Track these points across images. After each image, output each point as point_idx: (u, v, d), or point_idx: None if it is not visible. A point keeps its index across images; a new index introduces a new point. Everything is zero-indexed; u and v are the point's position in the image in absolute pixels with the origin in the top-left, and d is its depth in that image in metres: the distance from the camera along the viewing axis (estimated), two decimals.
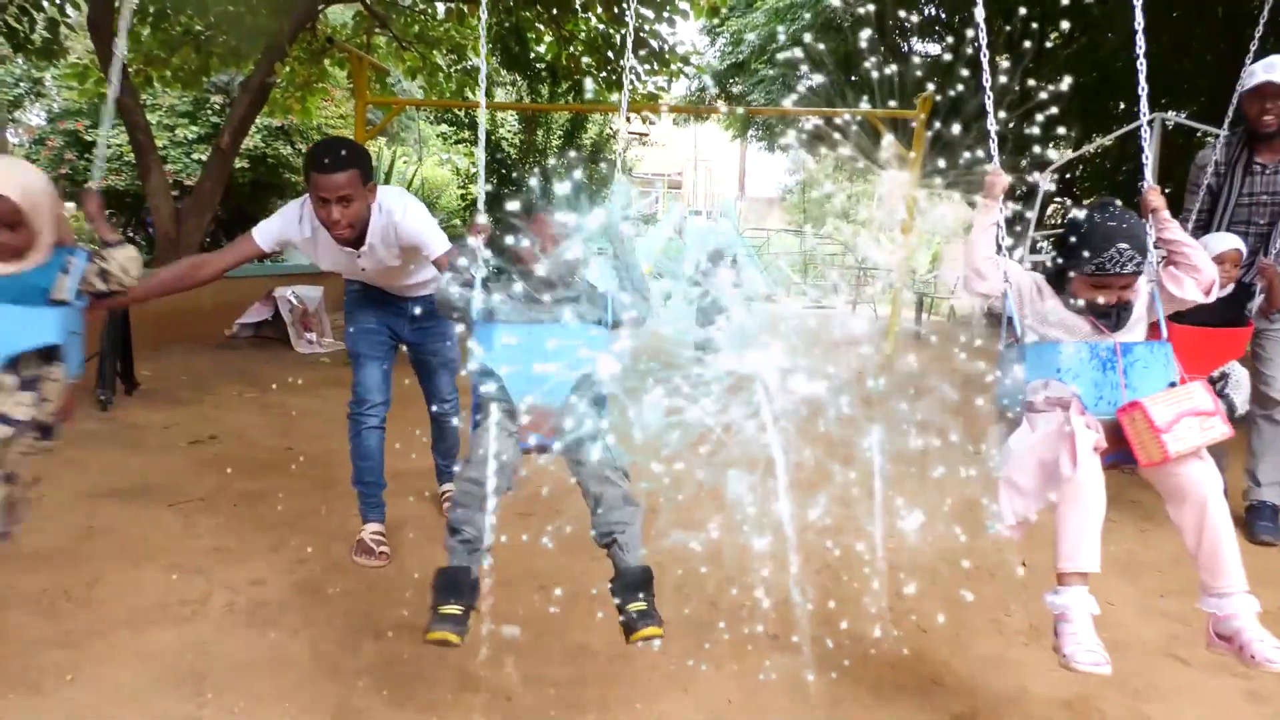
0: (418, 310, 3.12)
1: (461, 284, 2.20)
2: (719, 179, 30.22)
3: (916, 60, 12.46)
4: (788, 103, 12.41)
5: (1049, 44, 11.25)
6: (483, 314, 2.18)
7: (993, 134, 2.19)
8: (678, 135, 25.04)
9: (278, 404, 5.55)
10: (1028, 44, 11.11)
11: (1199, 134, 9.82)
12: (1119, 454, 1.95)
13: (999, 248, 2.15)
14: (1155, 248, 2.13)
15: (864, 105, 9.38)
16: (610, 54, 10.15)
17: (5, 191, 2.00)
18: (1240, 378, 3.46)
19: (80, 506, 3.40)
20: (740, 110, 13.10)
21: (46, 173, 2.32)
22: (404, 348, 3.31)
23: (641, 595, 2.07)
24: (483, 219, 2.25)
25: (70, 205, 15.94)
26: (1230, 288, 3.47)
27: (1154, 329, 2.14)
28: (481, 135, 2.51)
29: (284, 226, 2.86)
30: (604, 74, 10.51)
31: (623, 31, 9.57)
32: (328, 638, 2.51)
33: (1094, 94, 11.36)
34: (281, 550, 3.13)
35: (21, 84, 16.59)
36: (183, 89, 10.26)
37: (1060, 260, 2.10)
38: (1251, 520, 3.65)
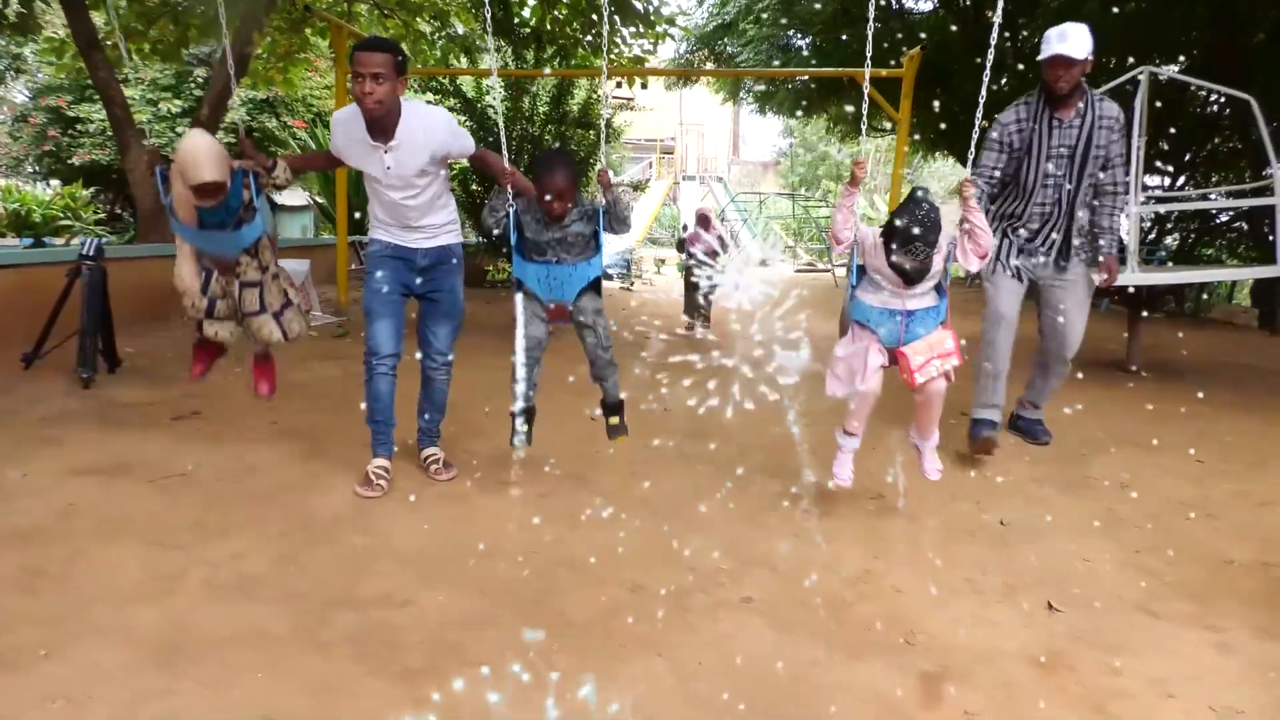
0: (426, 261, 3.50)
1: (499, 216, 3.26)
2: (712, 143, 29.95)
3: (905, 19, 12.28)
4: (774, 63, 12.25)
5: None
6: (516, 233, 3.26)
7: (864, 130, 3.36)
8: (669, 100, 24.79)
9: None
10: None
11: (1192, 88, 9.72)
12: (895, 366, 3.13)
13: (854, 220, 3.11)
14: (960, 224, 3.03)
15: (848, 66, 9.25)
16: (595, 17, 9.99)
17: (216, 177, 3.14)
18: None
19: (60, 485, 3.41)
20: (706, 70, 12.94)
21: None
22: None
23: (617, 413, 3.54)
24: (511, 168, 3.25)
25: (55, 183, 15.72)
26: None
27: (940, 287, 3.12)
28: (499, 102, 2.85)
29: (336, 127, 3.38)
30: (590, 38, 10.37)
31: None
32: (306, 609, 2.52)
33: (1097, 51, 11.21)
34: (263, 524, 3.13)
35: (2, 60, 16.37)
36: (162, 62, 10.12)
37: (891, 227, 2.99)
38: (1023, 427, 4.52)
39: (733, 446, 4.28)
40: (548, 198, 3.16)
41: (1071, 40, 3.64)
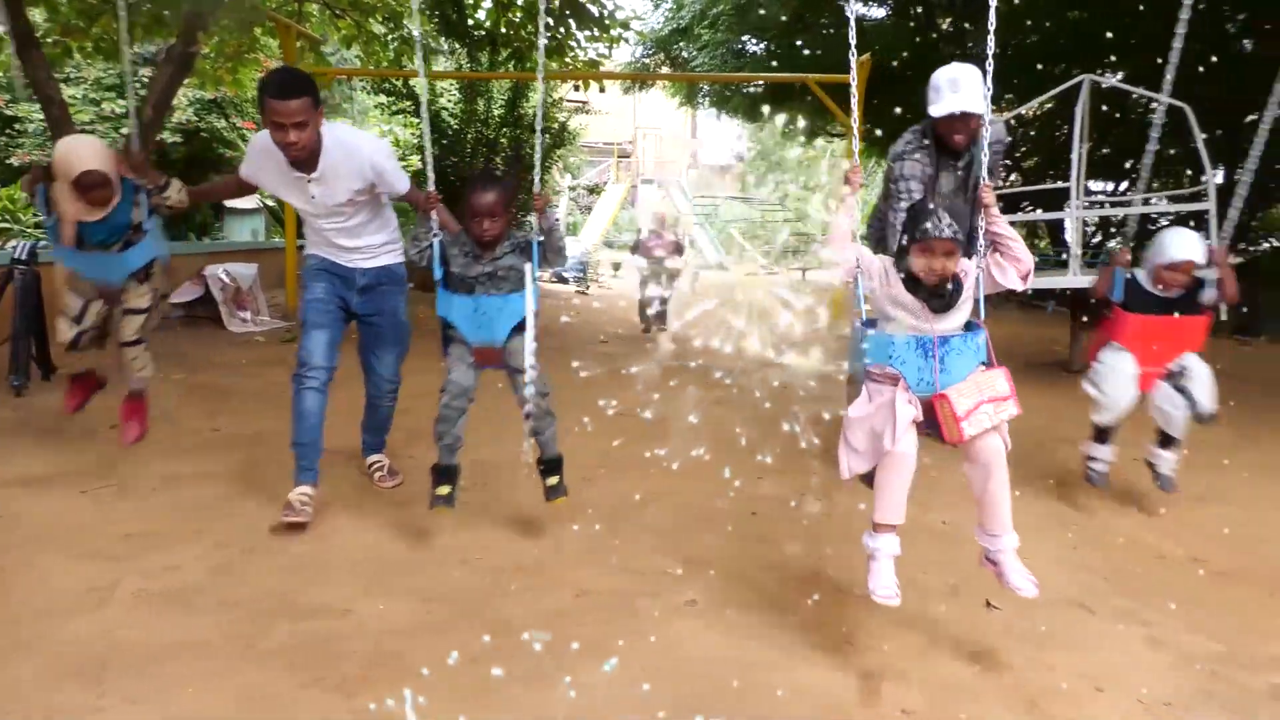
0: (365, 281, 3.32)
1: (423, 247, 2.99)
2: (670, 147, 30.05)
3: (860, 25, 12.44)
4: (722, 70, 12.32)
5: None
6: (441, 268, 2.97)
7: (856, 129, 2.59)
8: (627, 104, 24.81)
9: (207, 385, 5.42)
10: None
11: (1133, 95, 9.98)
12: (932, 427, 2.34)
13: (854, 235, 2.49)
14: (984, 238, 2.51)
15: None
16: (550, 19, 9.97)
17: (97, 165, 3.04)
18: (1198, 371, 3.42)
19: None
20: (660, 74, 12.99)
21: None
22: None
23: (555, 473, 3.11)
24: (432, 189, 2.96)
25: None
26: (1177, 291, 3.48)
27: (977, 307, 2.49)
28: (425, 111, 3.21)
29: (251, 155, 3.18)
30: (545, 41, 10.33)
31: None
32: (242, 620, 2.47)
33: (1031, 56, 11.47)
34: (201, 534, 3.06)
35: None
36: (105, 61, 9.87)
37: (903, 240, 2.43)
38: None
39: (682, 448, 4.28)
40: (474, 217, 2.88)
41: (966, 90, 3.20)
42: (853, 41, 2.61)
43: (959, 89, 3.23)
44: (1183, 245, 3.38)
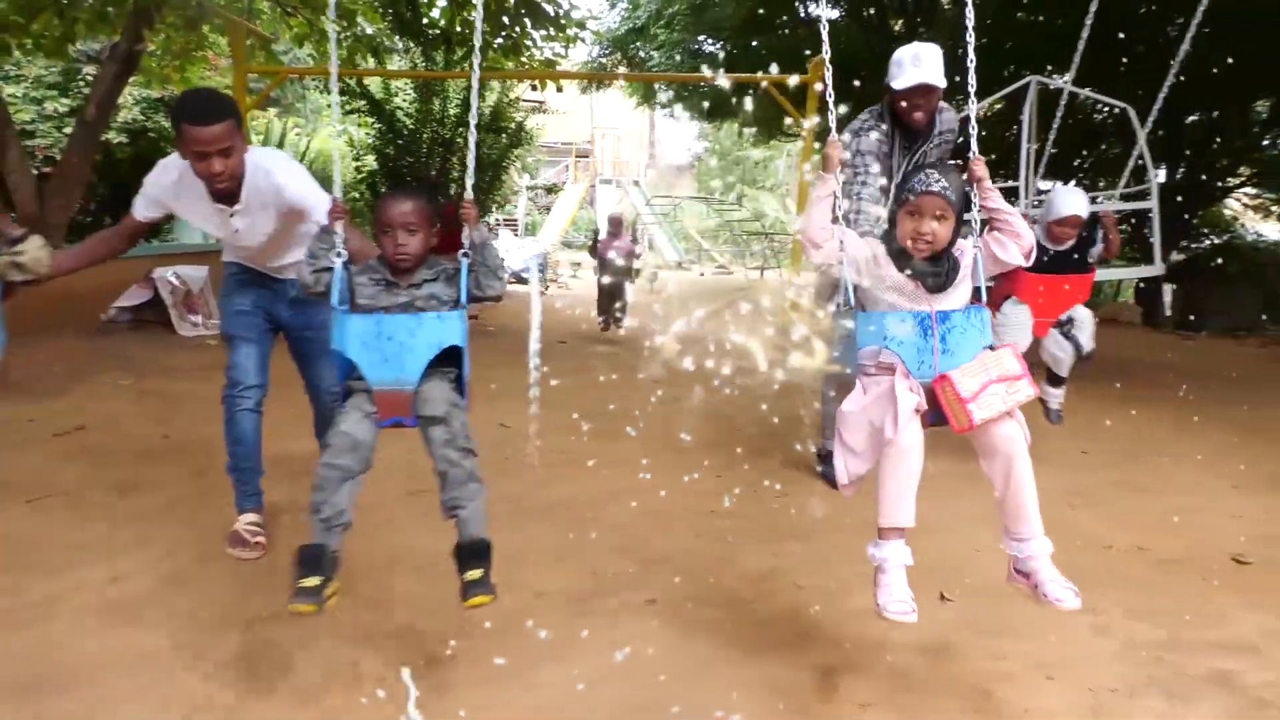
0: (296, 292, 2.97)
1: (320, 269, 2.29)
2: (628, 147, 30.06)
3: (813, 26, 12.57)
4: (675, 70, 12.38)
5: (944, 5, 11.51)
6: (343, 296, 2.28)
7: (832, 109, 2.32)
8: (585, 103, 24.76)
9: (156, 390, 5.31)
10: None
11: (1080, 97, 10.22)
12: (937, 415, 2.09)
13: (835, 217, 2.24)
14: (980, 214, 2.26)
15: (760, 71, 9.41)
16: (506, 19, 9.92)
17: None
18: (1083, 318, 4.06)
19: None
20: (615, 74, 13.01)
21: None
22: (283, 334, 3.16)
23: (478, 564, 2.18)
24: (339, 198, 2.36)
25: None
26: (1069, 242, 4.00)
27: (977, 292, 2.25)
28: (335, 110, 2.65)
29: (156, 192, 2.79)
30: (500, 39, 10.27)
31: None
32: (191, 630, 2.42)
33: (982, 57, 11.67)
34: (149, 544, 3.00)
35: None
36: (47, 58, 9.60)
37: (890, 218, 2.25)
38: None
39: (639, 447, 4.29)
40: (389, 234, 2.26)
41: (927, 64, 3.29)
42: (825, 31, 2.46)
43: (921, 63, 3.30)
44: (1070, 202, 3.91)
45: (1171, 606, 2.71)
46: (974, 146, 2.33)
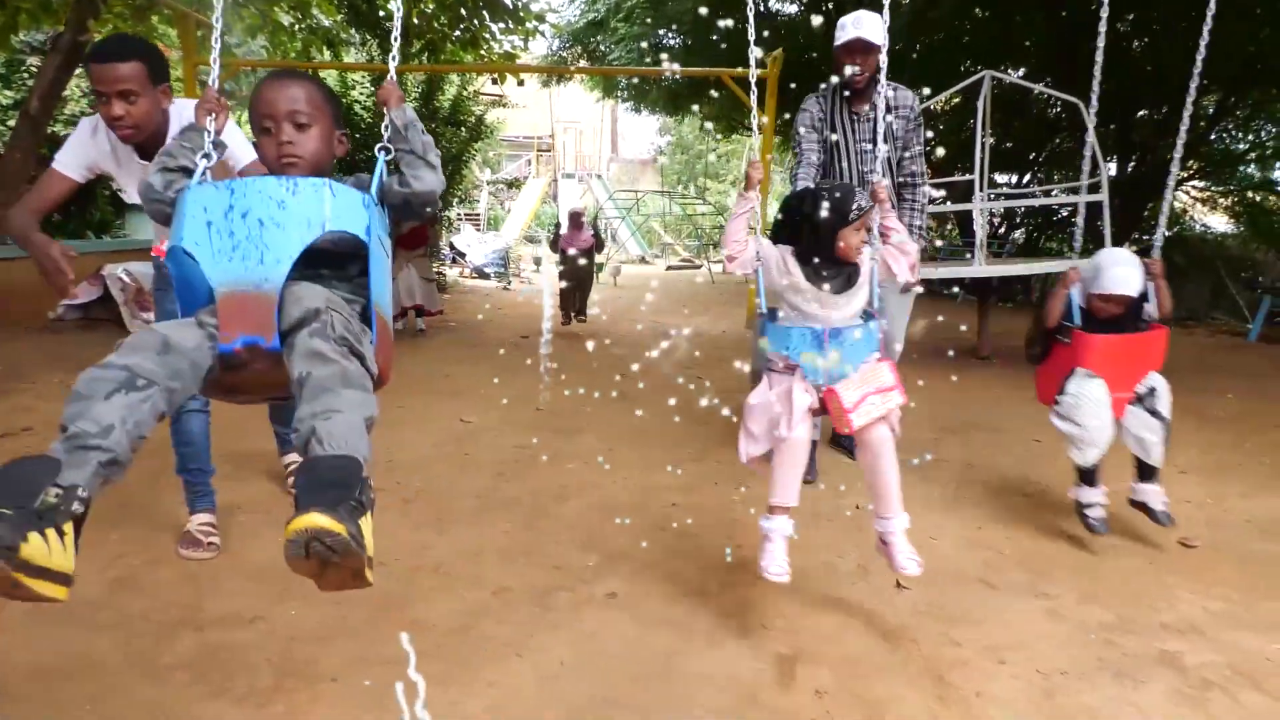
0: None
1: (174, 169, 1.73)
2: (590, 141, 29.97)
3: (774, 20, 12.62)
4: (645, 62, 12.36)
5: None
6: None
7: (757, 129, 2.56)
8: (546, 97, 24.61)
9: None
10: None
11: (1035, 92, 10.40)
12: (825, 410, 2.41)
13: (752, 229, 2.55)
14: (880, 232, 2.53)
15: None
16: (464, 11, 9.82)
17: None
18: (1162, 390, 3.07)
19: None
20: (573, 68, 12.95)
21: None
22: None
23: (329, 498, 1.31)
24: (213, 91, 1.80)
25: None
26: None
27: (873, 297, 2.54)
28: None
29: (80, 145, 2.63)
30: (458, 33, 10.17)
31: None
32: (143, 634, 2.37)
33: (942, 53, 11.82)
34: (99, 546, 2.92)
35: None
36: None
37: (813, 226, 2.41)
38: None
39: (600, 441, 4.29)
40: (267, 128, 1.73)
41: (866, 25, 3.40)
42: (753, 37, 2.64)
43: (861, 24, 3.41)
44: (1120, 279, 3.00)
45: (1120, 590, 2.78)
46: (878, 170, 2.70)
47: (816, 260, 2.43)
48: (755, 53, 2.65)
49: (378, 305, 1.62)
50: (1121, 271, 3.02)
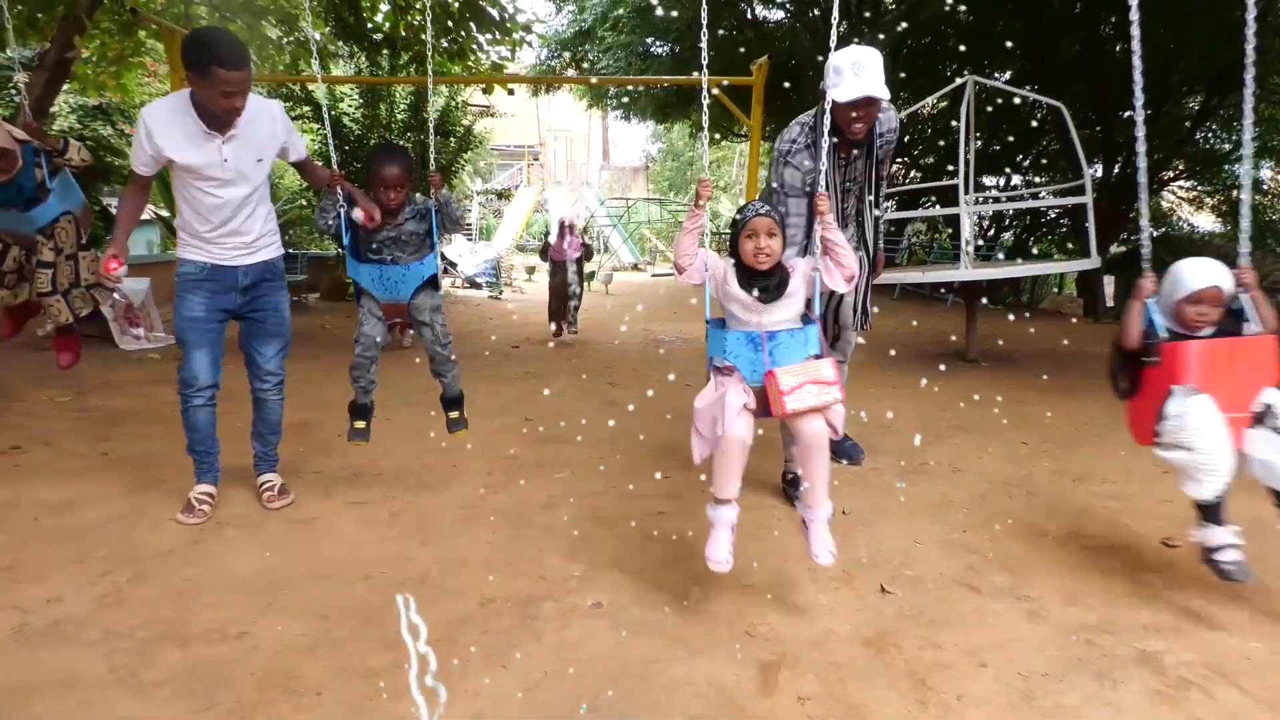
0: (248, 280, 3.27)
1: (327, 221, 3.34)
2: (581, 149, 30.04)
3: (761, 28, 12.68)
4: (633, 71, 12.40)
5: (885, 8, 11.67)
6: (349, 235, 3.32)
7: (704, 144, 2.88)
8: (536, 106, 24.68)
9: (96, 407, 5.19)
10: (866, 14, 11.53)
11: (1021, 99, 10.48)
12: (767, 409, 2.53)
13: (702, 243, 2.67)
14: (820, 243, 2.63)
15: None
16: (450, 23, 9.85)
17: (3, 145, 3.58)
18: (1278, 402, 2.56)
19: None
20: (559, 78, 13.00)
21: None
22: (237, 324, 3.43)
23: (456, 408, 3.66)
24: (337, 172, 3.32)
25: None
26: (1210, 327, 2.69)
27: (809, 304, 2.66)
28: (326, 112, 3.07)
29: (151, 143, 3.02)
30: (445, 43, 10.20)
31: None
32: (127, 649, 2.38)
33: (924, 57, 11.89)
34: (85, 562, 2.94)
35: None
36: None
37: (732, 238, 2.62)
38: (841, 450, 4.10)
39: (589, 449, 4.30)
40: (384, 189, 3.22)
41: (869, 72, 3.07)
42: (705, 60, 2.79)
43: (862, 72, 3.06)
44: (1202, 272, 2.63)
45: (1102, 591, 2.80)
46: (821, 184, 2.75)
47: (748, 270, 2.59)
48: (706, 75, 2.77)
49: (442, 288, 3.56)
50: (1200, 266, 2.64)
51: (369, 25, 10.78)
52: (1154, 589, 2.81)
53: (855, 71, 3.08)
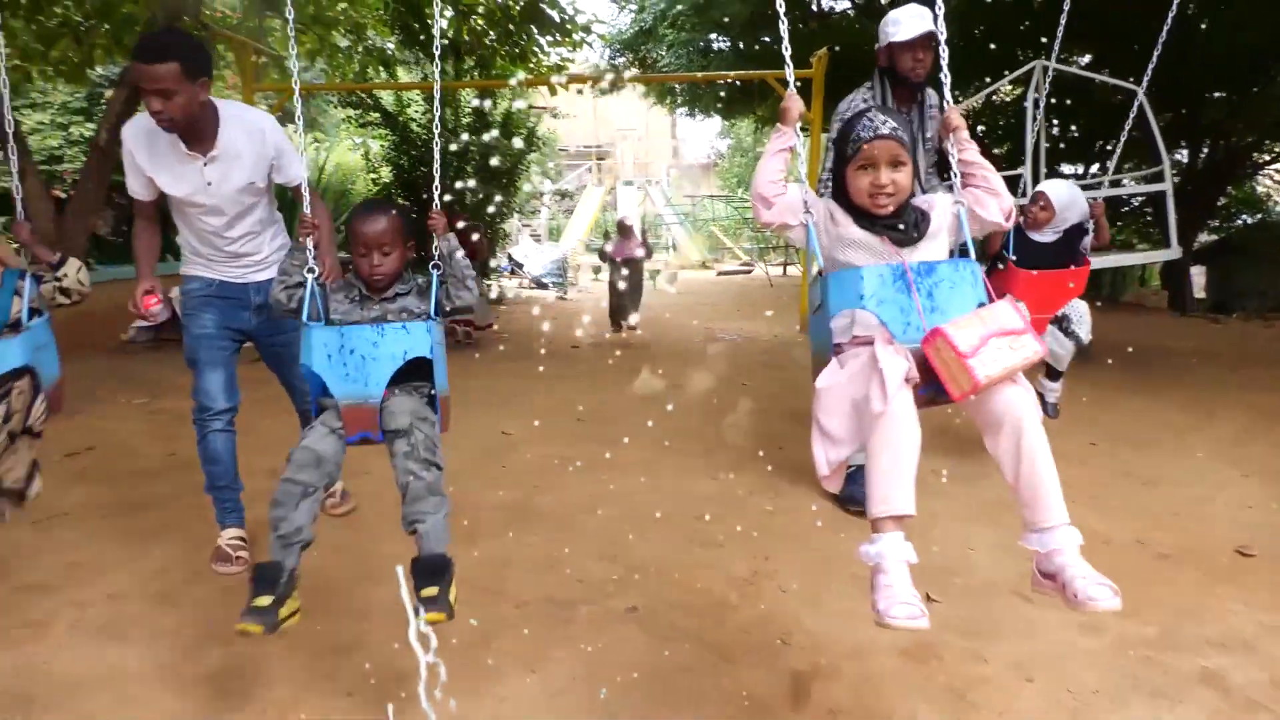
0: (261, 299, 2.97)
1: (291, 285, 2.25)
2: (650, 148, 30.07)
3: (827, 19, 12.46)
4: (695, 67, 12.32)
5: None
6: (316, 312, 2.23)
7: (790, 74, 2.08)
8: (603, 106, 24.79)
9: (168, 409, 5.39)
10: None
11: (1096, 82, 10.03)
12: (932, 386, 1.74)
13: (793, 175, 2.05)
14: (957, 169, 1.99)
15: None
16: (511, 27, 9.96)
17: None
18: (1081, 312, 3.91)
19: None
20: (620, 76, 12.98)
21: None
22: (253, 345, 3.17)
23: (433, 582, 2.07)
24: (308, 216, 2.28)
25: None
26: (1051, 232, 3.93)
27: (963, 250, 1.98)
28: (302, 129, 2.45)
29: (134, 162, 2.79)
30: (507, 48, 10.32)
31: (519, 3, 9.41)
32: (173, 648, 2.45)
33: (992, 41, 11.50)
34: (144, 561, 3.05)
35: None
36: (66, 83, 9.83)
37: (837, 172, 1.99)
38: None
39: (638, 451, 4.28)
40: (363, 253, 2.24)
41: (926, 16, 3.22)
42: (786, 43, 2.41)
43: (919, 14, 3.27)
44: (1046, 186, 3.97)
45: (1166, 602, 2.65)
46: (948, 96, 2.05)
47: (862, 213, 1.94)
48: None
49: (440, 391, 2.22)
50: (1049, 184, 4.00)
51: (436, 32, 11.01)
52: (1224, 601, 2.65)
53: (911, 16, 3.31)
